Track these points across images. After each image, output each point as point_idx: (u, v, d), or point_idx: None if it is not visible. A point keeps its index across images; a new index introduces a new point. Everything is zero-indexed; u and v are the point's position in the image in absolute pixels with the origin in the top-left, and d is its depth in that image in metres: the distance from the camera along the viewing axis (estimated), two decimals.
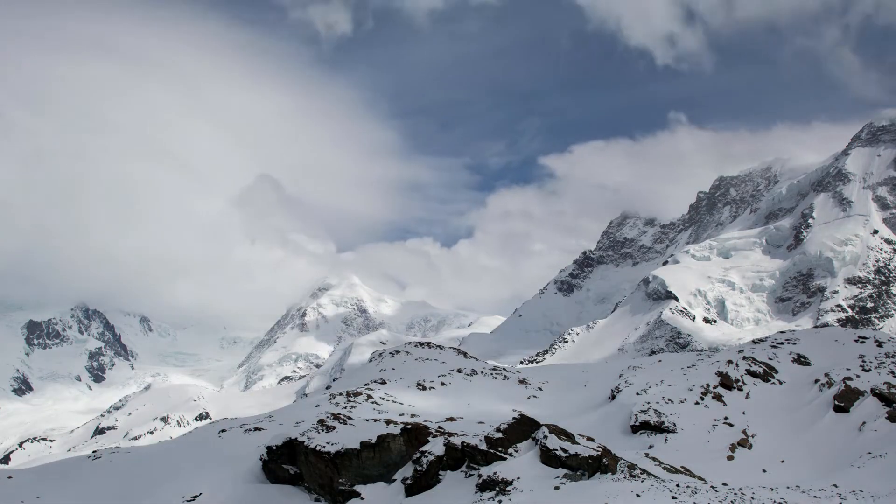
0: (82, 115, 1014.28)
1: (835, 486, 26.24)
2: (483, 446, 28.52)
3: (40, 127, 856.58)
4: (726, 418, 37.06)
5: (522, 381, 54.48)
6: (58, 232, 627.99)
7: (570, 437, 27.75)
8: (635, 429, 36.79)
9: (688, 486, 24.10)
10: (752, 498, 22.75)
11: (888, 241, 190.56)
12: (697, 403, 38.64)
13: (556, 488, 24.56)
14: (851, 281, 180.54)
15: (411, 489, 28.88)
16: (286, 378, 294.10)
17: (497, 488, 25.43)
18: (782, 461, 32.40)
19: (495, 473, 26.27)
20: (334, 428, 32.74)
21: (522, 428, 29.76)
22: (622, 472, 25.96)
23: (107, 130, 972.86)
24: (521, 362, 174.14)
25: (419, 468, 29.14)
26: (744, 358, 43.81)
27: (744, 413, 37.72)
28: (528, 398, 49.04)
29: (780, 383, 41.35)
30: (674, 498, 22.44)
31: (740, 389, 40.39)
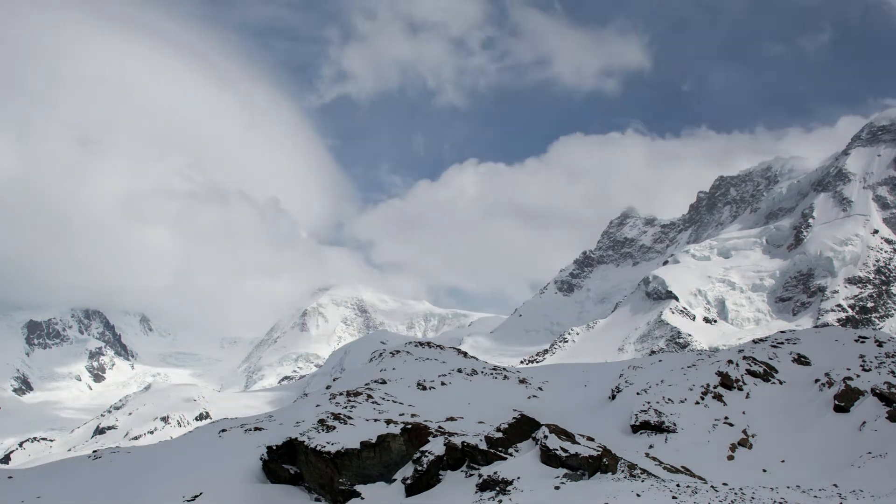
0: (83, 114, 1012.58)
1: (835, 485, 26.24)
2: (483, 446, 28.53)
3: (40, 126, 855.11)
4: (726, 418, 37.04)
5: (522, 381, 54.44)
6: (58, 231, 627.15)
7: (570, 437, 27.74)
8: (635, 429, 36.77)
9: (688, 486, 24.11)
10: (753, 498, 22.74)
11: (888, 241, 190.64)
12: (698, 403, 38.62)
13: (557, 488, 24.54)
14: (852, 281, 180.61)
15: (412, 489, 28.87)
16: (286, 378, 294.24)
17: (497, 488, 25.41)
18: (783, 461, 32.39)
19: (496, 473, 26.26)
20: (334, 428, 32.72)
21: (522, 428, 29.79)
22: (622, 471, 25.95)
23: (108, 130, 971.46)
24: (521, 362, 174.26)
25: (419, 468, 29.13)
26: (744, 358, 43.75)
27: (744, 413, 37.69)
28: (529, 398, 48.96)
29: (781, 383, 41.31)
30: (674, 498, 22.44)
31: (740, 389, 40.35)
